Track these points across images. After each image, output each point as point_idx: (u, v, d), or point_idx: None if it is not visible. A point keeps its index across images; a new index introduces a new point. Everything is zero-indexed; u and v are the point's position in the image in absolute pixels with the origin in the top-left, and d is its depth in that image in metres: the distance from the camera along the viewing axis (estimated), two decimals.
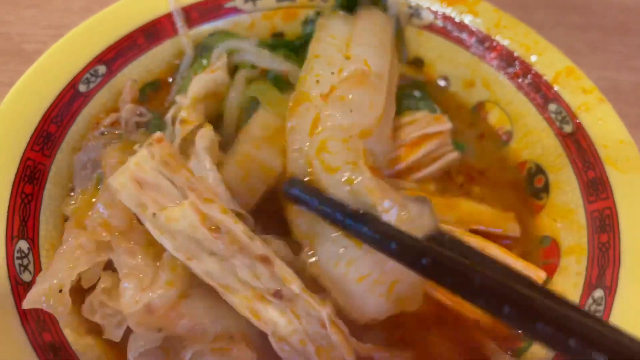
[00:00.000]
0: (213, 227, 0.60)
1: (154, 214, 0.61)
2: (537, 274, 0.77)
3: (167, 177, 0.62)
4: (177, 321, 0.62)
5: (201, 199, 0.61)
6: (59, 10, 1.29)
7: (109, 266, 0.68)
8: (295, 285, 0.61)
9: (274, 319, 0.61)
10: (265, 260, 0.61)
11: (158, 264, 0.63)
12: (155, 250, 0.64)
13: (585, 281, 0.75)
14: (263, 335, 0.64)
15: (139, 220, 0.65)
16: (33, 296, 0.63)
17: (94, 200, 0.70)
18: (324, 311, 0.61)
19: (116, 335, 0.66)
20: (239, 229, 0.61)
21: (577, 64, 0.96)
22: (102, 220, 0.65)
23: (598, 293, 0.73)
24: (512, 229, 0.83)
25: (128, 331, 0.65)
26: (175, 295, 0.62)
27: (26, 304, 0.63)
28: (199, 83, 0.80)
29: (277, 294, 0.61)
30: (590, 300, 0.73)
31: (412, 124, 0.87)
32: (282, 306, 0.61)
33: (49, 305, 0.62)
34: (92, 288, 0.67)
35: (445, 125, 0.88)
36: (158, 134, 0.65)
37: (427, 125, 0.87)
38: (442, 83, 1.04)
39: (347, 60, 0.81)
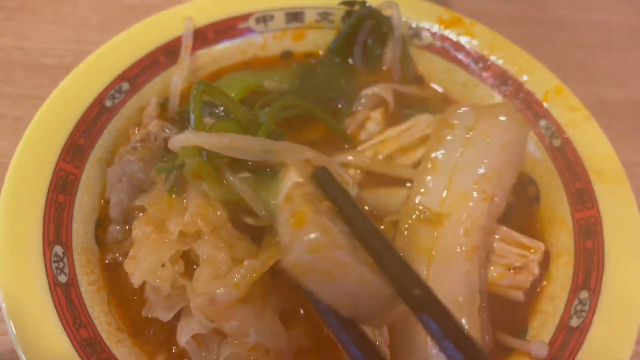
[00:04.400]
0: None
1: None
2: (537, 245, 0.87)
3: None
4: (229, 319, 0.68)
5: None
6: (77, 26, 1.35)
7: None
8: None
9: None
10: None
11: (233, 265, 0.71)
12: (234, 252, 0.72)
13: (572, 283, 0.83)
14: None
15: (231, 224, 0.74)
16: (140, 272, 0.70)
17: (184, 202, 0.77)
18: None
19: (164, 316, 0.73)
20: None
21: (566, 79, 1.04)
22: (202, 213, 0.73)
23: (583, 295, 0.80)
24: None
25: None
26: (236, 296, 0.68)
27: (136, 280, 0.70)
28: None
29: None
30: (576, 301, 0.80)
31: (414, 127, 0.95)
32: None
33: (155, 278, 0.69)
34: None
35: None
36: None
37: (428, 126, 0.94)
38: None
39: None
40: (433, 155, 0.86)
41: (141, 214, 0.79)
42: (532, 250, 0.88)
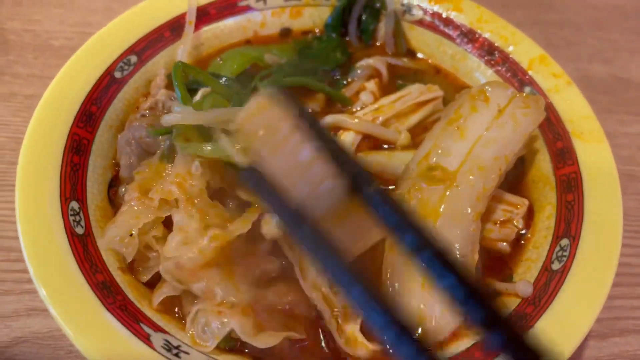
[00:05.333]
0: None
1: None
2: (522, 201, 0.93)
3: None
4: (195, 281, 0.75)
5: None
6: (83, 9, 1.41)
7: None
8: None
9: None
10: None
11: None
12: (207, 221, 0.78)
13: (554, 233, 0.88)
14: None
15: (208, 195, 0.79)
16: (109, 238, 0.76)
17: (168, 170, 0.82)
18: None
19: (143, 278, 0.81)
20: None
21: (553, 56, 1.09)
22: (179, 182, 0.78)
23: (564, 242, 0.86)
24: None
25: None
26: (201, 262, 0.74)
27: (103, 245, 0.76)
28: None
29: None
30: (557, 248, 0.86)
31: (407, 95, 1.01)
32: None
33: (121, 245, 0.75)
34: None
35: (438, 92, 1.02)
36: None
37: (420, 94, 1.00)
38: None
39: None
40: (462, 120, 0.90)
41: None
42: (518, 207, 0.94)
